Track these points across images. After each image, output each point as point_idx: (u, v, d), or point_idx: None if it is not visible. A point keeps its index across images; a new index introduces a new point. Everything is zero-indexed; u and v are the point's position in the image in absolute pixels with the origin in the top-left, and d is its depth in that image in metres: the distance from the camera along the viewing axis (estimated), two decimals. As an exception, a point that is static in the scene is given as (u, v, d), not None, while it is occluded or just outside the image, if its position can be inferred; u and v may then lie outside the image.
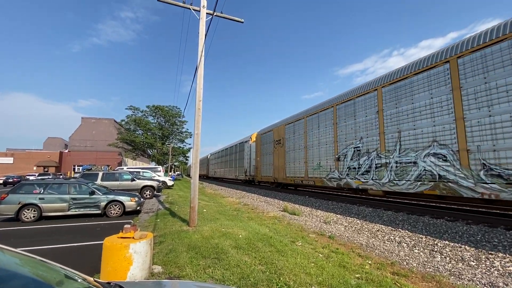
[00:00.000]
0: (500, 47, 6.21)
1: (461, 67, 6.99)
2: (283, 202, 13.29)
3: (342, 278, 3.88)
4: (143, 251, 3.63)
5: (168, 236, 6.23)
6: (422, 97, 7.98)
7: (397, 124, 8.74)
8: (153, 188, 15.53)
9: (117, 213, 9.56)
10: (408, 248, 5.91)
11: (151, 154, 45.23)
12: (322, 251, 5.41)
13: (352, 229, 7.78)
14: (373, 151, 9.65)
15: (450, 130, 7.14)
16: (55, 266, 1.72)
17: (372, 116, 9.87)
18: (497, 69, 6.23)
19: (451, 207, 9.64)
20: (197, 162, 7.68)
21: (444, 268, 4.70)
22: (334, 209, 10.68)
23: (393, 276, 4.26)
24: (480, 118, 6.47)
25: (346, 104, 11.37)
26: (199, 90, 7.54)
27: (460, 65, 7.03)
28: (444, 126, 7.29)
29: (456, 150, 6.93)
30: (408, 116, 8.35)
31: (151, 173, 21.81)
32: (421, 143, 7.88)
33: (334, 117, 12.02)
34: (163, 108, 44.07)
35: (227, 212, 10.15)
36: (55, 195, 9.10)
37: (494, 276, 4.33)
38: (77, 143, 54.12)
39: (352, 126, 10.91)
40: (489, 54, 6.40)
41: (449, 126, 7.16)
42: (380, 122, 9.41)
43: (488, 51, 6.44)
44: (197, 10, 7.93)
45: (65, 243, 6.14)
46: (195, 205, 7.18)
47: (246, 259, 4.53)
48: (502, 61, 6.15)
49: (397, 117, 8.75)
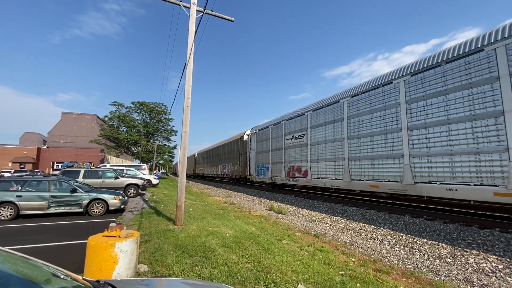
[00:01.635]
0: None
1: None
2: (270, 201, 13.39)
3: (327, 275, 3.98)
4: (129, 250, 3.57)
5: (154, 235, 6.14)
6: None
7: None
8: (137, 187, 15.20)
9: (100, 212, 9.29)
10: (390, 246, 6.14)
11: (135, 151, 44.23)
12: (308, 249, 5.52)
13: (337, 227, 7.98)
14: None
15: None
16: (42, 265, 1.67)
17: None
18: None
19: (430, 206, 10.07)
20: (184, 160, 7.61)
21: (423, 264, 4.92)
22: (320, 208, 10.89)
23: (375, 272, 4.42)
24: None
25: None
26: (187, 87, 7.46)
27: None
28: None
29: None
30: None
31: (135, 171, 21.33)
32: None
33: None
34: (149, 105, 43.19)
35: (213, 211, 10.11)
36: (34, 193, 8.72)
37: (469, 272, 4.58)
38: (56, 139, 51.89)
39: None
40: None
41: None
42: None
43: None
44: (187, 6, 7.84)
45: (44, 242, 5.91)
46: (181, 204, 7.12)
47: (233, 258, 4.56)
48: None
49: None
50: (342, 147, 10.96)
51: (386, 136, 8.99)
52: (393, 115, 8.81)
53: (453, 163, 7.00)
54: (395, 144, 8.64)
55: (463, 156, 6.81)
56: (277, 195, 15.73)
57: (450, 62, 7.30)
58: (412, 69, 8.36)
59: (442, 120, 7.34)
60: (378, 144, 9.30)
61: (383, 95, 9.27)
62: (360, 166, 10.00)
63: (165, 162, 66.55)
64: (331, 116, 11.77)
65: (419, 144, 7.89)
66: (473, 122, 6.68)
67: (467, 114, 6.80)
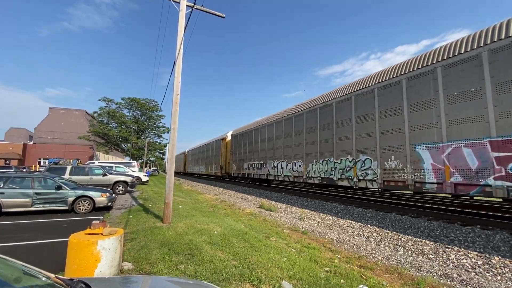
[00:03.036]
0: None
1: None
2: (260, 199, 13.43)
3: (312, 272, 4.03)
4: (112, 248, 3.52)
5: (141, 232, 6.07)
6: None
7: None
8: (126, 184, 14.97)
9: (86, 209, 9.12)
10: (375, 243, 6.25)
11: (125, 148, 43.50)
12: (295, 246, 5.56)
13: (325, 225, 8.07)
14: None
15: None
16: (15, 263, 1.63)
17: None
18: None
19: (416, 204, 10.29)
20: (173, 158, 7.54)
21: (406, 261, 5.03)
22: (309, 206, 10.98)
23: (359, 269, 4.49)
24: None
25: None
26: (177, 84, 7.38)
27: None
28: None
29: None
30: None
31: (124, 168, 21.00)
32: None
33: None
34: (139, 101, 42.42)
35: (203, 209, 10.07)
36: (17, 190, 8.47)
37: (450, 268, 4.72)
38: (43, 135, 50.46)
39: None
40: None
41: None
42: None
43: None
44: (176, 1, 7.72)
45: (27, 240, 5.76)
46: (169, 201, 7.05)
47: (219, 255, 4.55)
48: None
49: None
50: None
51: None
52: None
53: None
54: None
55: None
56: (267, 193, 15.78)
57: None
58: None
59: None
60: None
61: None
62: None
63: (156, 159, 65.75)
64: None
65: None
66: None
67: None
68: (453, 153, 6.71)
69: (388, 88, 8.62)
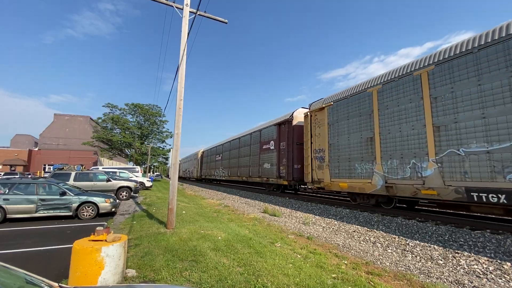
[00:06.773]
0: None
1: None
2: (264, 203, 13.33)
3: (319, 279, 3.94)
4: (116, 255, 3.47)
5: (144, 238, 6.03)
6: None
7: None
8: (129, 189, 14.97)
9: (90, 215, 9.11)
10: (382, 248, 6.13)
11: (129, 154, 43.69)
12: (301, 252, 5.47)
13: (330, 230, 7.95)
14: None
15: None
16: (17, 272, 1.60)
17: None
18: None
19: (423, 208, 10.13)
20: (176, 163, 7.52)
21: (415, 266, 4.91)
22: (313, 210, 10.86)
23: (367, 275, 4.39)
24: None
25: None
26: (180, 89, 7.40)
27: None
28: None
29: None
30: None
31: (128, 173, 21.05)
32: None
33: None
34: (143, 107, 42.78)
35: (207, 214, 10.00)
36: (22, 196, 8.50)
37: (460, 274, 4.59)
38: (48, 141, 50.96)
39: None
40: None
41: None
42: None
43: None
44: (180, 8, 7.79)
45: (31, 247, 5.74)
46: (173, 207, 7.02)
47: (224, 261, 4.49)
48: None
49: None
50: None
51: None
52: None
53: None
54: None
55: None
56: (271, 198, 15.68)
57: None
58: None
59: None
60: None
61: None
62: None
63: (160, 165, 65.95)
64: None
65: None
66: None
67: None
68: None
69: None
